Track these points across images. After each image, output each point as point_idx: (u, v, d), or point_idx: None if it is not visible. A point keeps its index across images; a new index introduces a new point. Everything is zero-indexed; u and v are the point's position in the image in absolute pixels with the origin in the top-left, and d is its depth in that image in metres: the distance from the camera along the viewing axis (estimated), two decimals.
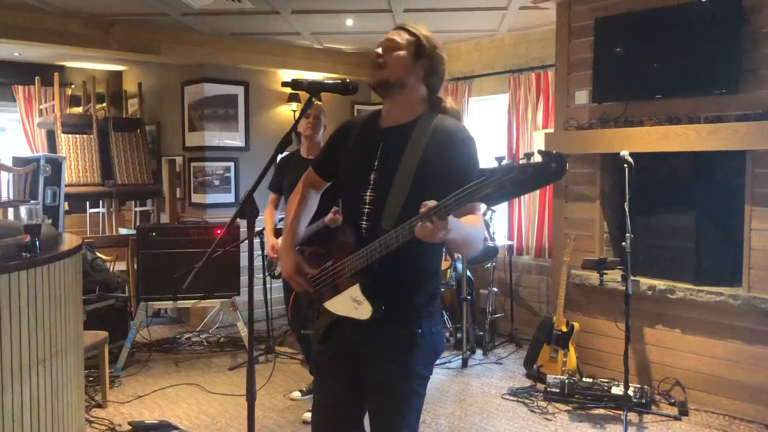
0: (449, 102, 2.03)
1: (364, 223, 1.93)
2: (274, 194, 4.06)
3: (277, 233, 3.98)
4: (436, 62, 1.96)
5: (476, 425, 3.78)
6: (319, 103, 3.89)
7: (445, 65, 1.99)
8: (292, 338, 5.39)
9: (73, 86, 7.04)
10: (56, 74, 6.36)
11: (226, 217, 5.94)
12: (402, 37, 1.94)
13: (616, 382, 3.96)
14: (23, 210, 2.73)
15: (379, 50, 1.94)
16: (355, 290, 1.88)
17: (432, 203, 1.55)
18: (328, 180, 2.20)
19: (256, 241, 4.84)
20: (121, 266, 5.85)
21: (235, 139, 6.11)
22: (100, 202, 6.63)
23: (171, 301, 4.99)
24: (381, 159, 1.95)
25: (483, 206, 1.89)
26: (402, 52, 1.92)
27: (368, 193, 1.94)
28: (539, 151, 1.35)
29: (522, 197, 5.57)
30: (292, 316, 2.19)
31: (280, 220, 4.18)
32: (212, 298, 5.01)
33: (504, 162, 1.38)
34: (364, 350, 1.95)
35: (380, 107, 2.04)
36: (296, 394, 4.20)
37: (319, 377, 2.13)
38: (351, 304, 1.89)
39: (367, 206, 1.93)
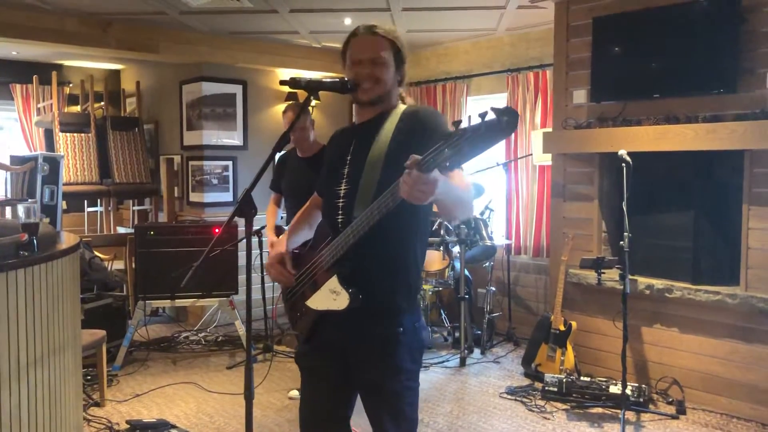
0: (409, 100, 2.06)
1: (339, 217, 1.93)
2: (275, 193, 4.08)
3: (278, 231, 3.98)
4: (404, 53, 1.98)
5: (474, 424, 3.79)
6: (291, 103, 3.90)
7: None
8: (290, 337, 5.40)
9: (71, 85, 7.03)
10: (54, 73, 6.35)
11: (224, 216, 5.94)
12: (385, 50, 1.93)
13: (614, 381, 3.97)
14: (21, 209, 2.72)
15: (368, 70, 1.91)
16: (332, 282, 1.87)
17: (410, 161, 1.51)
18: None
19: (254, 240, 4.86)
20: (118, 265, 5.85)
21: (234, 138, 6.11)
22: (98, 200, 6.63)
23: (169, 300, 4.99)
24: (353, 153, 1.97)
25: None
26: (391, 68, 1.93)
27: (342, 187, 1.94)
28: (492, 108, 1.36)
29: (520, 197, 5.57)
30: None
31: (282, 218, 4.20)
32: (210, 297, 5.01)
33: (460, 125, 1.37)
34: (348, 350, 1.95)
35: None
36: (294, 392, 4.19)
37: (305, 377, 2.13)
38: (330, 296, 1.88)
39: (341, 200, 1.94)
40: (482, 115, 1.37)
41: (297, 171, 3.88)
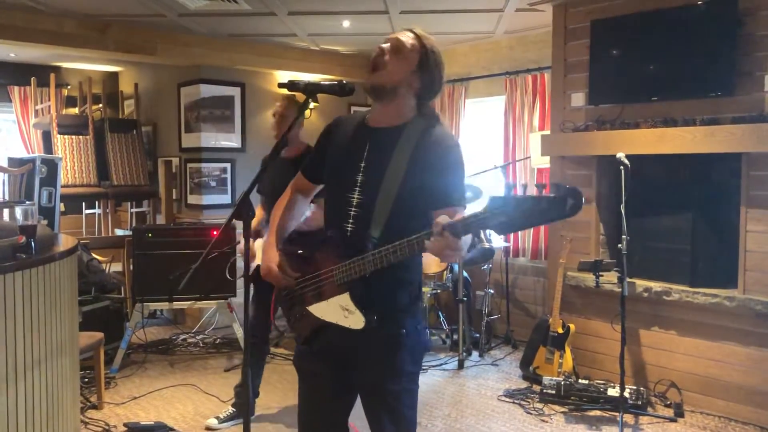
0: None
1: (349, 226, 1.90)
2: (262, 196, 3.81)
3: (258, 235, 3.67)
4: (435, 79, 1.90)
5: (472, 427, 3.78)
6: (289, 95, 3.69)
7: (443, 81, 1.92)
8: (288, 340, 5.39)
9: (69, 87, 7.03)
10: (52, 75, 6.34)
11: (222, 219, 5.93)
12: (410, 42, 1.87)
13: (612, 384, 3.97)
14: (19, 211, 2.71)
15: (385, 46, 1.87)
16: (344, 299, 1.84)
17: (444, 219, 1.55)
18: (316, 183, 2.14)
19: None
20: (116, 267, 5.83)
21: (232, 140, 6.10)
22: (96, 203, 6.61)
23: (167, 303, 4.98)
24: (368, 160, 1.92)
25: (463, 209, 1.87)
26: (405, 58, 1.86)
27: (355, 196, 1.90)
28: (553, 184, 1.33)
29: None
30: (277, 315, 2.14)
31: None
32: (208, 299, 5.00)
33: (518, 192, 1.35)
34: (349, 352, 1.94)
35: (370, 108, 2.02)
36: (212, 421, 3.79)
37: (303, 380, 2.11)
38: (340, 312, 1.86)
39: (353, 209, 1.90)
40: (541, 187, 1.36)
41: (279, 173, 3.52)
